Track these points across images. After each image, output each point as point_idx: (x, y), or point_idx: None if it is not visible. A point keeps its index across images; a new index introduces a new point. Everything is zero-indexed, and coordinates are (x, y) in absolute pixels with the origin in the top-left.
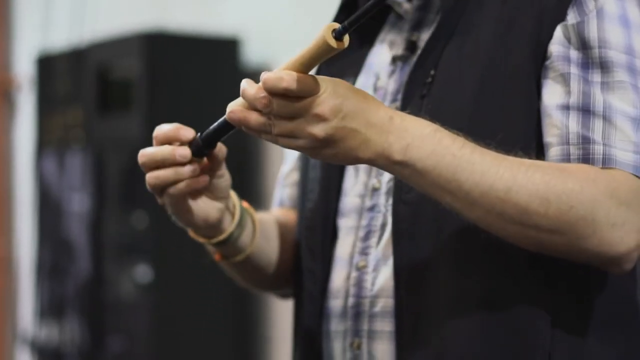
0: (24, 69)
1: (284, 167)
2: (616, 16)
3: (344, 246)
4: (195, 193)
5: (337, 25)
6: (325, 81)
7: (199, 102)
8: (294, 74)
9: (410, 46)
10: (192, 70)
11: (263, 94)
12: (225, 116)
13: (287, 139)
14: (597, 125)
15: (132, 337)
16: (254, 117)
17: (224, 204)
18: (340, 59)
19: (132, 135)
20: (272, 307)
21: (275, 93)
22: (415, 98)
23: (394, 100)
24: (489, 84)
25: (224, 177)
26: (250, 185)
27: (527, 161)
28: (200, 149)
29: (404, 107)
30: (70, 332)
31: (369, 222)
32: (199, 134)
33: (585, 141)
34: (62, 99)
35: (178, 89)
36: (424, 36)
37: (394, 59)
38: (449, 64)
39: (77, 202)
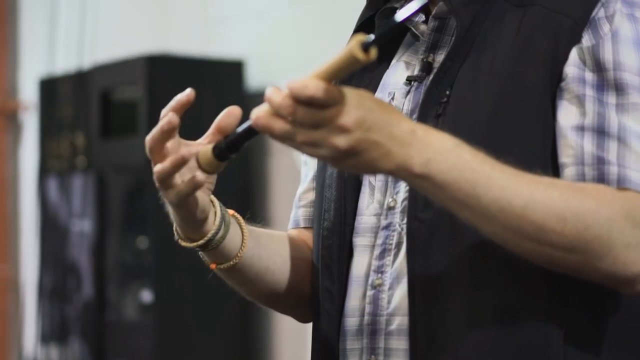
0: (28, 93)
1: (300, 188)
2: (631, 39)
3: (359, 265)
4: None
5: (365, 38)
6: (350, 93)
7: (202, 126)
8: (320, 83)
9: (426, 67)
10: (195, 94)
11: (288, 102)
12: (250, 122)
13: (311, 148)
14: (612, 146)
15: (134, 359)
16: (279, 124)
17: (209, 199)
18: (356, 79)
19: (136, 158)
20: (274, 328)
21: (300, 101)
22: (430, 117)
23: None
24: (503, 104)
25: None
26: (255, 208)
27: (545, 179)
28: (224, 152)
29: None
30: (73, 354)
31: (384, 240)
32: (223, 138)
33: (600, 162)
34: (66, 123)
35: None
36: (440, 57)
37: (409, 80)
38: (464, 84)
39: (81, 226)
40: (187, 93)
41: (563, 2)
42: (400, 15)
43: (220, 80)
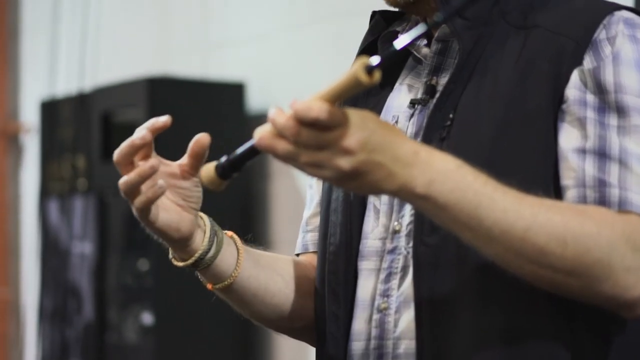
0: (29, 116)
1: (306, 212)
2: (632, 60)
3: (365, 288)
4: (165, 200)
5: (369, 61)
6: (353, 114)
7: None
8: (324, 105)
9: (429, 90)
10: (196, 116)
11: (292, 123)
12: (252, 141)
13: (314, 169)
14: (613, 168)
15: None
16: (282, 145)
17: (195, 218)
18: (360, 102)
19: None
20: (276, 351)
21: (304, 122)
22: (434, 141)
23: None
24: (506, 127)
25: (199, 187)
26: (255, 230)
27: (547, 201)
28: (227, 171)
29: None
30: None
31: (389, 264)
32: (224, 156)
33: (602, 184)
34: (67, 145)
35: (182, 135)
36: (443, 80)
37: (413, 103)
38: (467, 107)
39: (81, 248)
40: (164, 119)
41: (565, 24)
42: (401, 42)
43: (221, 103)
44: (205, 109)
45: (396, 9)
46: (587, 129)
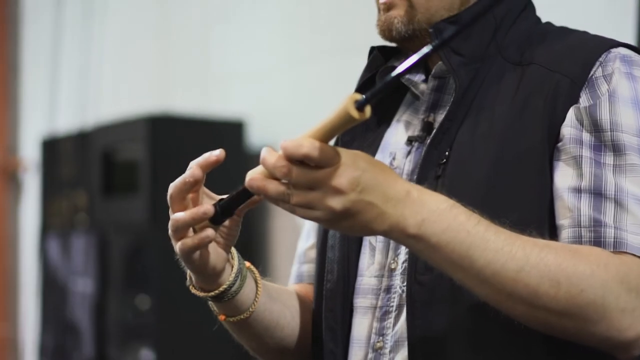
0: (29, 152)
1: (302, 243)
2: (629, 99)
3: (361, 326)
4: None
5: (359, 96)
6: (344, 153)
7: (203, 185)
8: (315, 142)
9: (426, 127)
10: (196, 153)
11: (283, 162)
12: (244, 184)
13: (305, 210)
14: (609, 208)
15: None
16: (273, 186)
17: (228, 254)
18: (359, 138)
19: (137, 218)
20: None
21: (295, 160)
22: (430, 179)
23: (409, 180)
24: (501, 165)
25: (239, 226)
26: (258, 263)
27: (540, 242)
28: (218, 217)
29: None
30: None
31: (385, 302)
32: (218, 200)
33: (597, 224)
34: (67, 182)
35: (183, 172)
36: (440, 117)
37: (410, 140)
38: (463, 145)
39: (81, 285)
40: (217, 153)
41: (561, 61)
42: (395, 71)
43: (222, 140)
44: (205, 147)
45: (393, 45)
46: (582, 168)
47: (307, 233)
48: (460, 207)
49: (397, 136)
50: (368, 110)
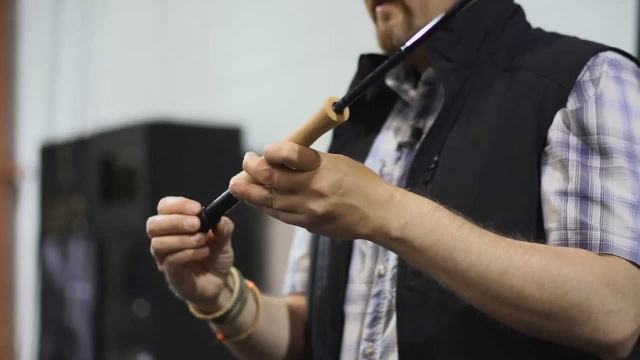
0: (27, 158)
1: (295, 252)
2: (616, 102)
3: (351, 333)
4: (196, 265)
5: (337, 99)
6: (326, 157)
7: (202, 191)
8: (295, 145)
9: (416, 133)
10: (195, 159)
11: (265, 166)
12: (228, 190)
13: (287, 214)
14: (595, 211)
15: None
16: (256, 191)
17: (223, 281)
18: (349, 145)
19: (135, 224)
20: None
21: (276, 163)
22: (419, 184)
23: (398, 186)
24: (490, 170)
25: (228, 253)
26: (256, 271)
27: (525, 244)
28: (205, 224)
29: None
30: None
31: (375, 308)
32: (203, 208)
33: (584, 227)
34: (66, 188)
35: (181, 178)
36: (429, 123)
37: (400, 146)
38: (452, 151)
39: (80, 291)
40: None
41: (550, 66)
42: (373, 72)
43: (221, 146)
44: (204, 153)
45: (383, 53)
46: (569, 171)
47: (299, 242)
48: (444, 210)
49: (387, 143)
50: (347, 112)
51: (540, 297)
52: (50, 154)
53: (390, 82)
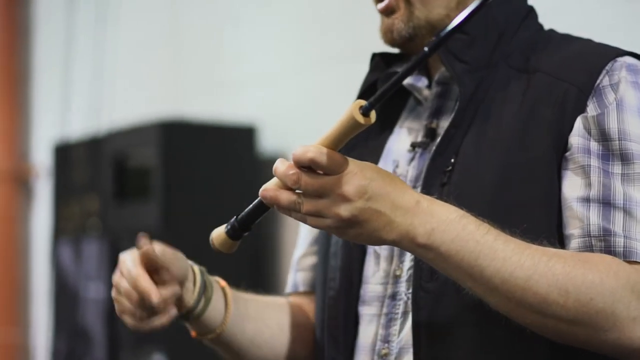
0: (41, 158)
1: (297, 251)
2: (636, 107)
3: (366, 334)
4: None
5: (363, 102)
6: (353, 162)
7: (215, 190)
8: (322, 148)
9: (430, 133)
10: (208, 159)
11: (293, 170)
12: (258, 197)
13: (315, 218)
14: (618, 217)
15: None
16: (285, 195)
17: (180, 286)
18: (360, 145)
19: (149, 223)
20: None
21: (303, 165)
22: (435, 186)
23: (413, 187)
24: (508, 174)
25: (178, 260)
26: (266, 273)
27: (550, 250)
28: (237, 231)
29: None
30: None
31: (390, 309)
32: (235, 216)
33: (607, 234)
34: (79, 187)
35: (195, 177)
36: (443, 123)
37: (413, 146)
38: (469, 153)
39: (93, 290)
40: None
41: (567, 70)
42: (397, 74)
43: (234, 145)
44: (217, 152)
45: (395, 49)
46: (591, 178)
47: (302, 241)
48: (469, 217)
49: (399, 143)
50: (373, 115)
51: (565, 304)
52: (64, 154)
53: (405, 81)
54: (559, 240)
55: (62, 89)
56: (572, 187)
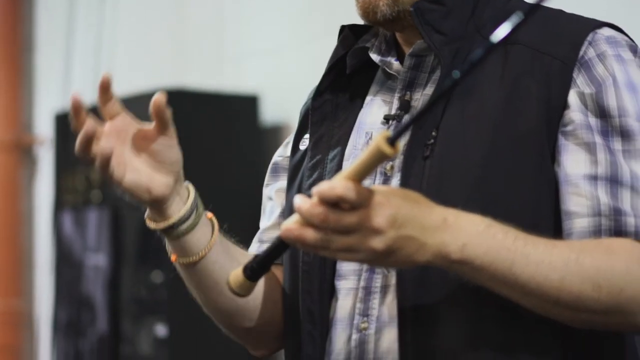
0: (44, 129)
1: (263, 222)
2: (625, 82)
3: (343, 308)
4: (139, 153)
5: (389, 133)
6: (378, 192)
7: (218, 159)
8: (348, 183)
9: (404, 105)
10: (210, 128)
11: (319, 208)
12: (279, 234)
13: (347, 253)
14: (626, 195)
15: None
16: (311, 234)
17: (173, 182)
18: (329, 118)
19: None
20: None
21: (330, 202)
22: (417, 159)
23: (391, 159)
24: (497, 147)
25: (173, 148)
26: None
27: (575, 246)
28: (255, 272)
29: (405, 168)
30: None
31: (367, 282)
32: (254, 256)
33: (617, 213)
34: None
35: (197, 147)
36: (416, 95)
37: (387, 119)
38: (451, 125)
39: (95, 260)
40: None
41: (548, 42)
42: (455, 74)
43: (235, 115)
44: (219, 121)
45: (365, 24)
46: (597, 155)
47: (269, 213)
48: (497, 226)
49: (371, 116)
50: (399, 144)
51: (598, 298)
52: (66, 125)
53: (373, 55)
54: (551, 215)
55: (65, 60)
56: (576, 163)
